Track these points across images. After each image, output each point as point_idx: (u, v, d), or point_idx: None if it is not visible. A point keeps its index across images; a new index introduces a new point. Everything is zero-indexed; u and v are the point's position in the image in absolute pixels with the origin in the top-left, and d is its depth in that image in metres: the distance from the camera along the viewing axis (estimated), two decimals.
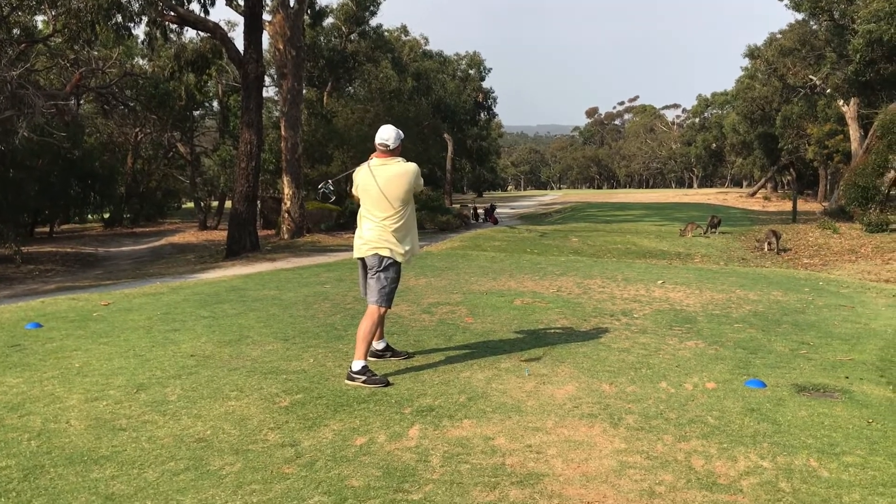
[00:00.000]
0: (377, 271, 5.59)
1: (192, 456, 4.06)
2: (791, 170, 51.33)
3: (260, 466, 3.92)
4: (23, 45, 21.46)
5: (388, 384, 5.34)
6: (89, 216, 34.24)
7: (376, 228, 5.60)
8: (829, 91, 35.32)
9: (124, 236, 30.49)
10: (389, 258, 5.58)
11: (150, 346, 6.60)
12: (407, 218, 5.66)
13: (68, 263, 20.68)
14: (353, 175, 5.76)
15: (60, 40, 23.22)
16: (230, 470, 3.88)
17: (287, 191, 22.91)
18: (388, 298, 5.62)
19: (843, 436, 4.41)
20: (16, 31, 22.35)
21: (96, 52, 27.53)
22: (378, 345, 6.11)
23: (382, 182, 5.52)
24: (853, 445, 4.26)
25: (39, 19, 26.35)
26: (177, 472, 3.85)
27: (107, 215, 34.87)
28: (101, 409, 4.85)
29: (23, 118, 18.32)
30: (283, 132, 23.10)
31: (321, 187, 6.27)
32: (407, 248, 5.69)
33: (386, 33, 39.82)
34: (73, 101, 28.85)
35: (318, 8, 31.94)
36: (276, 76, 27.63)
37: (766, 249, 20.50)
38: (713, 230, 24.57)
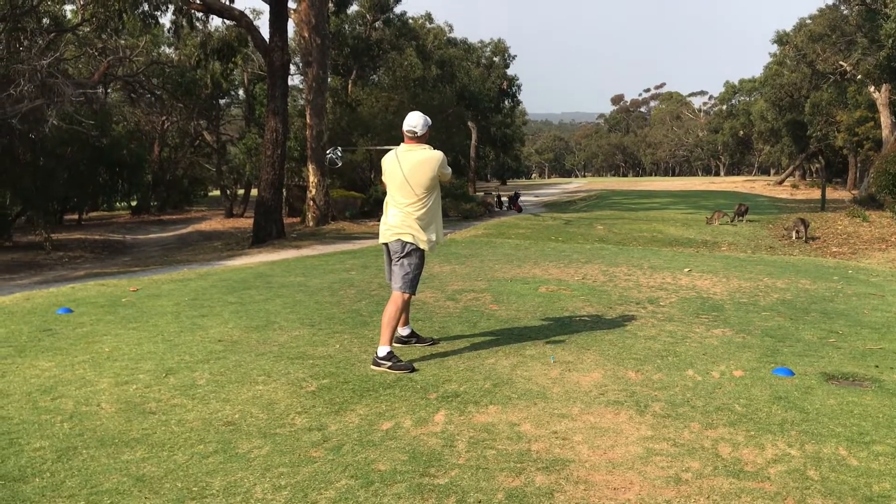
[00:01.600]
0: (400, 257, 5.61)
1: (220, 439, 4.11)
2: (820, 157, 50.66)
3: (287, 450, 3.96)
4: (52, 34, 21.71)
5: (413, 370, 5.36)
6: (117, 204, 34.59)
7: (400, 214, 5.61)
8: (859, 77, 34.76)
9: (151, 224, 30.83)
10: (412, 244, 5.59)
11: (179, 332, 6.67)
12: (431, 205, 5.65)
13: (97, 250, 20.96)
14: (382, 161, 5.78)
15: (88, 29, 23.45)
16: (258, 453, 3.92)
17: (312, 178, 23.00)
18: (411, 285, 5.63)
19: (874, 425, 4.37)
20: (45, 20, 22.59)
21: (123, 41, 27.77)
22: (403, 331, 6.13)
23: (407, 168, 5.53)
24: (883, 434, 4.21)
25: (68, 9, 26.63)
26: (206, 455, 3.90)
27: (134, 203, 35.24)
28: (131, 392, 4.92)
29: (52, 107, 18.55)
30: (308, 120, 23.17)
31: (329, 152, 6.29)
32: (431, 236, 5.68)
33: (410, 21, 39.74)
34: (100, 90, 29.11)
35: None
36: (301, 64, 27.64)
37: (794, 238, 20.27)
38: (740, 218, 24.33)
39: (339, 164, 6.40)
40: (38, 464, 3.78)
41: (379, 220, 5.90)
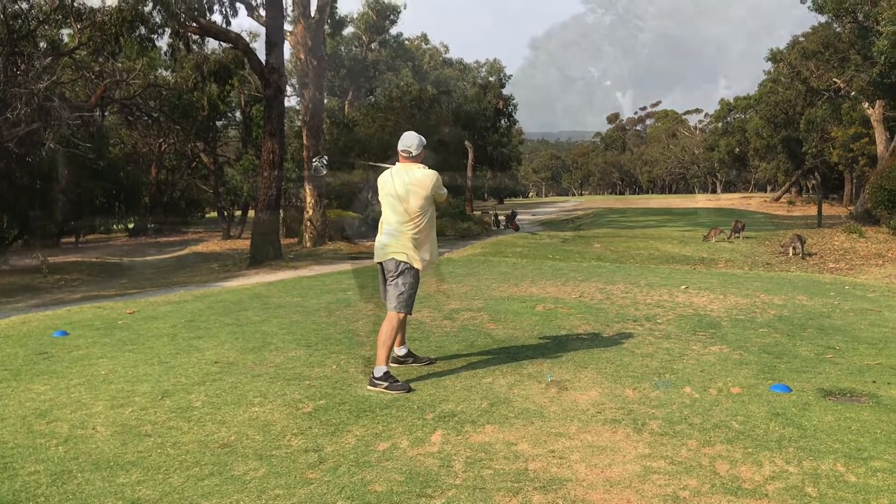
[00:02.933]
0: (394, 277, 5.61)
1: (216, 461, 4.09)
2: (816, 174, 50.87)
3: (283, 472, 3.94)
4: (49, 58, 21.78)
5: (410, 390, 5.34)
6: (114, 226, 34.63)
7: (394, 233, 5.62)
8: (853, 94, 34.94)
9: (149, 246, 30.78)
10: (406, 263, 5.59)
11: (175, 354, 6.65)
12: (425, 225, 5.66)
13: (94, 273, 20.90)
14: (378, 180, 5.80)
15: (85, 53, 23.54)
16: (254, 475, 3.90)
17: (309, 199, 23.01)
18: (406, 304, 5.62)
19: (871, 440, 4.35)
20: (43, 44, 22.70)
21: (120, 64, 27.83)
22: (400, 351, 6.12)
23: (401, 188, 5.55)
24: (881, 450, 4.20)
25: (65, 33, 26.73)
26: (201, 478, 3.88)
27: (131, 225, 35.23)
28: (126, 415, 4.90)
29: (49, 130, 18.61)
30: (305, 141, 23.20)
31: (315, 160, 6.30)
32: (425, 255, 5.69)
33: (406, 42, 40.04)
34: (97, 113, 29.14)
35: (338, 17, 32.14)
36: (297, 86, 27.88)
37: (790, 254, 20.29)
38: (737, 235, 24.37)
39: (324, 173, 6.41)
40: (32, 488, 3.76)
41: (375, 240, 5.91)
